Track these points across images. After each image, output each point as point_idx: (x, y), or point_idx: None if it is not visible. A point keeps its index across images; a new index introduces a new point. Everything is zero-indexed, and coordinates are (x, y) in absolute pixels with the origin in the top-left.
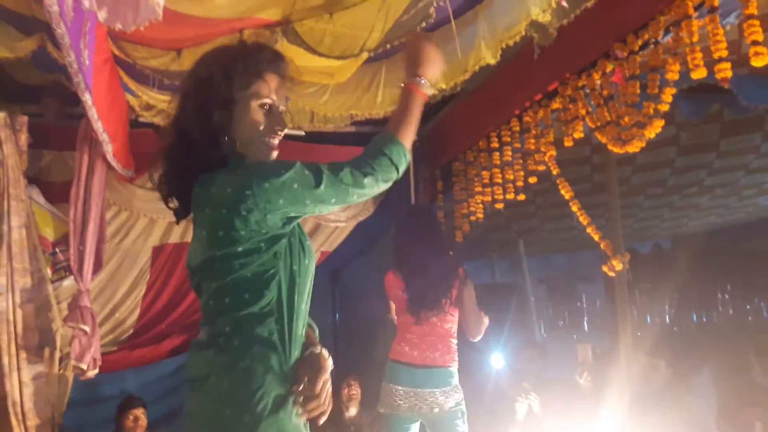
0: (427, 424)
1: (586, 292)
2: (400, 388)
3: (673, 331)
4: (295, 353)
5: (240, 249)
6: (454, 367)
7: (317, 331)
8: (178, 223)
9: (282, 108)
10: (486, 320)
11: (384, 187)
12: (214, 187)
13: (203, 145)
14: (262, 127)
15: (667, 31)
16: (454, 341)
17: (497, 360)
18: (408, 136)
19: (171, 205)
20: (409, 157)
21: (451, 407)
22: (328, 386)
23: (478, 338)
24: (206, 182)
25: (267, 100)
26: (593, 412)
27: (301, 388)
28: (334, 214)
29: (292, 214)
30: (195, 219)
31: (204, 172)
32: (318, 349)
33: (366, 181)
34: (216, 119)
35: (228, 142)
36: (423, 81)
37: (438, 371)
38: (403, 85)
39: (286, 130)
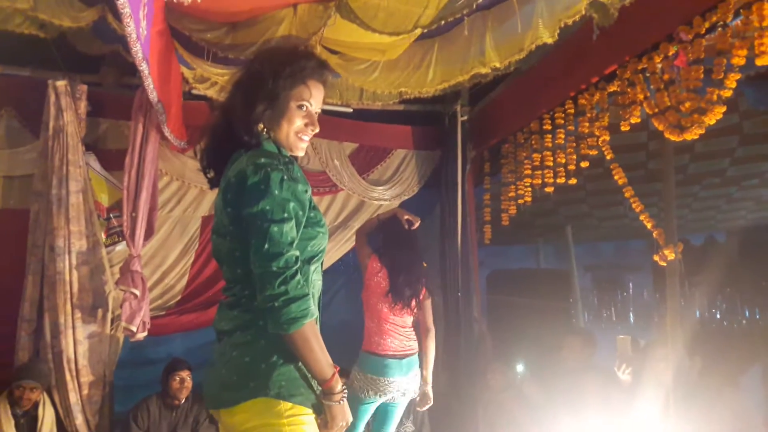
0: (384, 406)
1: (633, 282)
2: (391, 379)
3: (722, 326)
4: None
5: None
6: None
7: None
8: (212, 189)
9: (317, 111)
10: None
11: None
12: (232, 173)
13: (242, 129)
14: (297, 124)
15: (736, 14)
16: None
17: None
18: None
19: (209, 175)
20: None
21: (414, 389)
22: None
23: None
24: (234, 162)
25: (305, 103)
26: (632, 405)
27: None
28: (378, 192)
29: None
30: (221, 187)
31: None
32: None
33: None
34: (258, 110)
35: (262, 130)
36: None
37: (414, 358)
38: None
39: (333, 107)
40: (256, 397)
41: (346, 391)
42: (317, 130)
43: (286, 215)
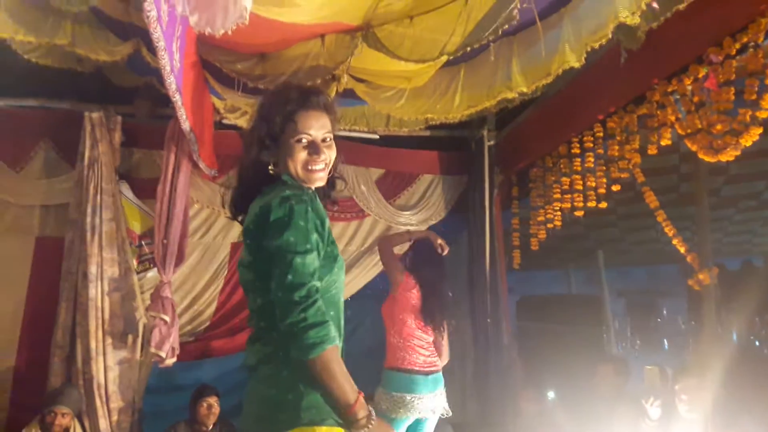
0: (415, 423)
1: (667, 308)
2: (419, 396)
3: (762, 353)
4: None
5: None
6: None
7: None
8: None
9: (323, 137)
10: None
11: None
12: (257, 206)
13: (258, 170)
14: (299, 159)
15: (767, 35)
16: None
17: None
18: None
19: (239, 219)
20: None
21: (443, 406)
22: None
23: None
24: (261, 196)
25: (301, 136)
26: None
27: None
28: (404, 218)
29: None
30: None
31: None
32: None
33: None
34: (263, 155)
35: (277, 170)
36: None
37: (439, 375)
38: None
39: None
40: (290, 429)
41: (373, 413)
42: (326, 155)
43: (309, 246)
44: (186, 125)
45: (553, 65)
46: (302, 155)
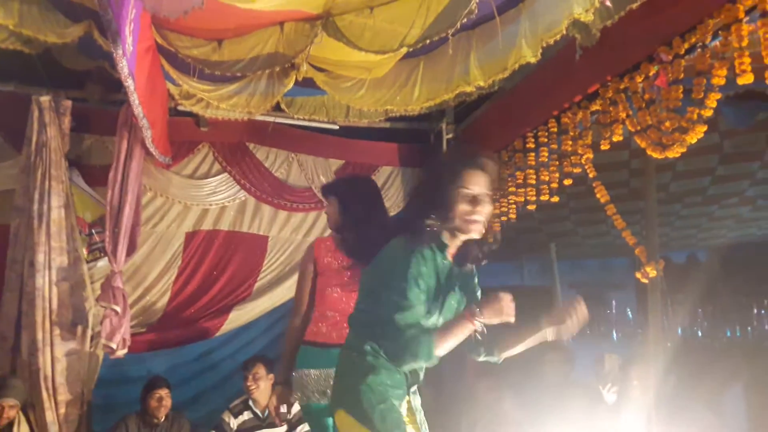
0: None
1: (616, 300)
2: (313, 371)
3: (704, 343)
4: None
5: None
6: None
7: None
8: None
9: None
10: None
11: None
12: None
13: None
14: None
15: (715, 35)
16: None
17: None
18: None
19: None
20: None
21: None
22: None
23: None
24: None
25: None
26: (615, 423)
27: None
28: None
29: None
30: None
31: None
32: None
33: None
34: None
35: None
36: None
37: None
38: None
39: (320, 124)
40: None
41: None
42: None
43: None
44: (139, 111)
45: (509, 60)
46: None
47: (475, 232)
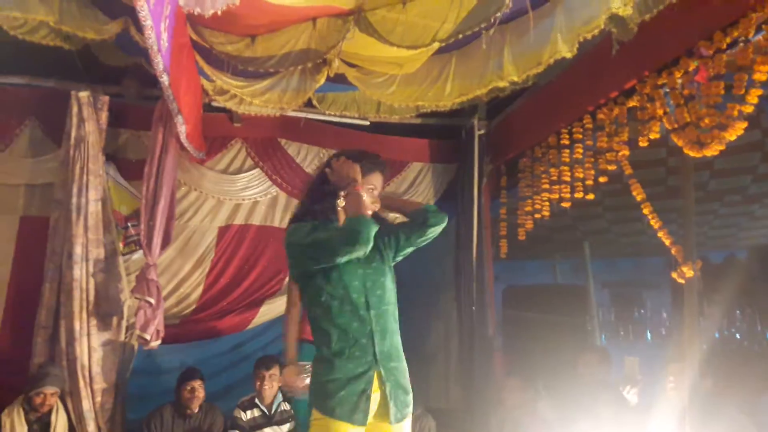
0: None
1: (651, 300)
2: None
3: (742, 345)
4: None
5: None
6: None
7: None
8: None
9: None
10: None
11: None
12: None
13: None
14: None
15: (758, 30)
16: None
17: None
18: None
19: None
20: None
21: None
22: None
23: None
24: None
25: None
26: (646, 424)
27: None
28: None
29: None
30: None
31: None
32: None
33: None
34: None
35: None
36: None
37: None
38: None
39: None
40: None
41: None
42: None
43: None
44: (174, 106)
45: (544, 55)
46: None
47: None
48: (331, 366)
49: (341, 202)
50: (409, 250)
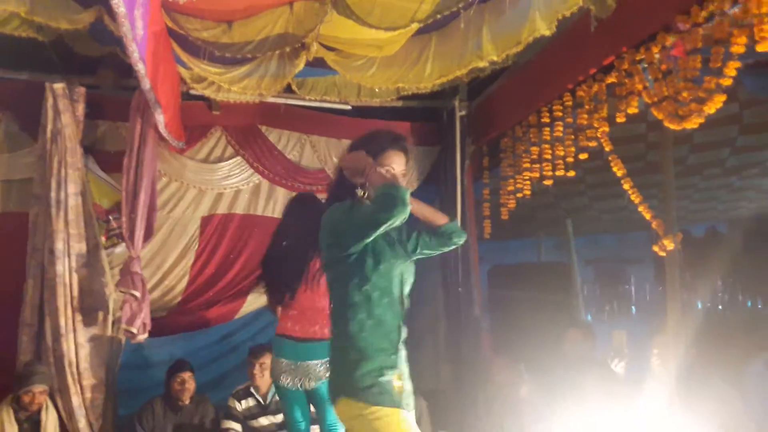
0: (310, 398)
1: (635, 275)
2: (284, 361)
3: (725, 316)
4: None
5: None
6: None
7: None
8: None
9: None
10: None
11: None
12: None
13: None
14: None
15: (734, 2)
16: None
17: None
18: None
19: None
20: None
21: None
22: None
23: None
24: None
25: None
26: (635, 397)
27: None
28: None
29: None
30: None
31: None
32: None
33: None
34: None
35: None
36: None
37: (319, 343)
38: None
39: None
40: None
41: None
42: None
43: None
44: (151, 96)
45: (523, 33)
46: None
47: None
48: (366, 357)
49: (361, 192)
50: (427, 253)
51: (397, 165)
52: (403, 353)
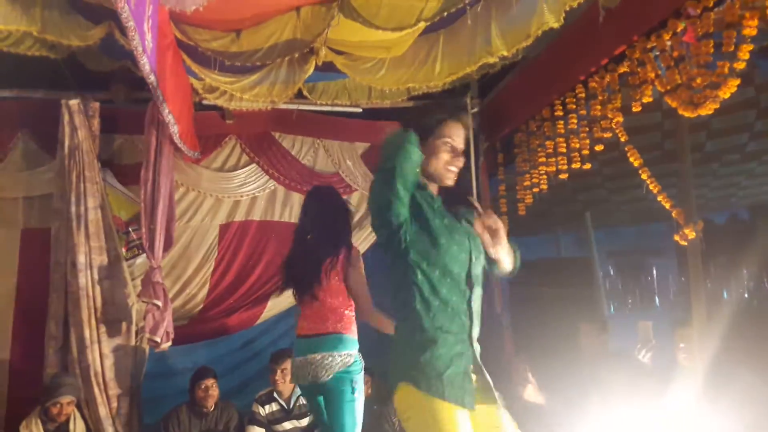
0: (322, 394)
1: (657, 266)
2: (298, 359)
3: (751, 304)
4: None
5: None
6: (348, 334)
7: None
8: None
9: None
10: (369, 303)
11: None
12: None
13: None
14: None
15: None
16: (349, 312)
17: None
18: None
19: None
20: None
21: (338, 371)
22: None
23: (367, 319)
24: None
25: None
26: (662, 390)
27: None
28: None
29: None
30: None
31: None
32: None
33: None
34: None
35: None
36: None
37: (326, 337)
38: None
39: (343, 108)
40: None
41: None
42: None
43: None
44: (163, 107)
45: (532, 26)
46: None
47: (450, 182)
48: (434, 340)
49: None
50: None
51: (456, 137)
52: (476, 347)
